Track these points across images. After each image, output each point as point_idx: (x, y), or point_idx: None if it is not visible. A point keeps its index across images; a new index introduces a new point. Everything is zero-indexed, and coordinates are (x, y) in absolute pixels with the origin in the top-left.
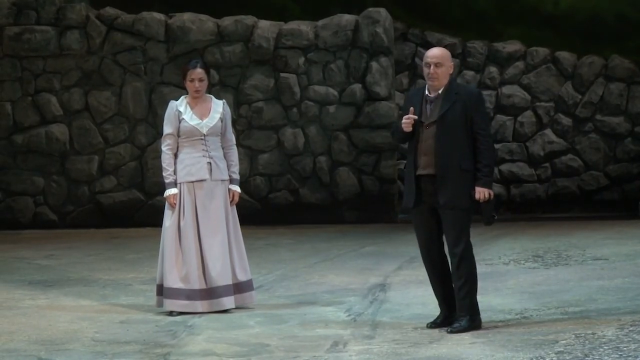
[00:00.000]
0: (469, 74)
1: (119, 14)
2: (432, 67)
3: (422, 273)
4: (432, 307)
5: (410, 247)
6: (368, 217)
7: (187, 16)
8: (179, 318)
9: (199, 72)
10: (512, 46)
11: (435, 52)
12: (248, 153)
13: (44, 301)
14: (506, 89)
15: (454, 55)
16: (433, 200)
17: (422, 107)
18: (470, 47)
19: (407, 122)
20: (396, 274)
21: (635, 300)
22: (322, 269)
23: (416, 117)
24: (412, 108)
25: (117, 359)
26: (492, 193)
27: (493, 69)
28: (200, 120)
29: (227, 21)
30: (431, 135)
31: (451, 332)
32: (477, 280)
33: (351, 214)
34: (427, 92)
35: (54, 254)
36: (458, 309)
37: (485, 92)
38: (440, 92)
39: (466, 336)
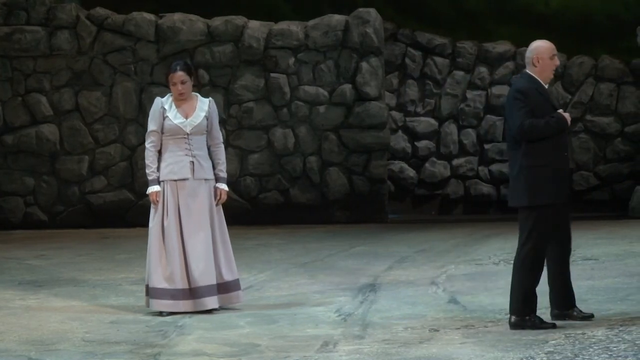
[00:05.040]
0: (459, 74)
1: (109, 14)
2: (557, 59)
3: (412, 273)
4: (422, 307)
5: (400, 247)
6: (358, 217)
7: (177, 16)
8: (169, 318)
9: (179, 75)
10: (502, 46)
11: (553, 45)
12: (238, 153)
13: (34, 301)
14: (496, 89)
15: (443, 56)
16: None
17: (552, 100)
18: (460, 47)
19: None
20: (386, 274)
21: (625, 300)
22: (313, 269)
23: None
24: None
25: (107, 359)
26: None
27: (483, 69)
28: (184, 119)
29: (217, 21)
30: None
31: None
32: None
33: (341, 214)
34: (544, 86)
35: (44, 254)
36: (572, 300)
37: (474, 93)
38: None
39: (456, 336)
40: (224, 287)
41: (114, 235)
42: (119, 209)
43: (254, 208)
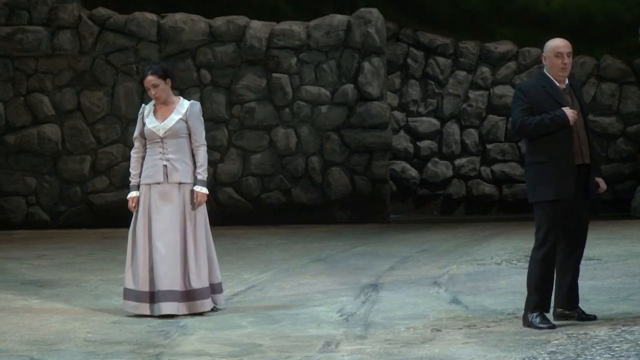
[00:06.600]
0: (461, 74)
1: (111, 14)
2: (565, 57)
3: (414, 273)
4: (424, 307)
5: (402, 247)
6: (360, 217)
7: (179, 16)
8: (171, 319)
9: (149, 79)
10: (504, 46)
11: (566, 42)
12: (240, 153)
13: (36, 301)
14: (498, 89)
15: (445, 56)
16: (578, 190)
17: (560, 97)
18: (462, 47)
19: (575, 115)
20: (388, 274)
21: (627, 300)
22: (314, 269)
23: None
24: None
25: (109, 359)
26: None
27: (485, 69)
28: (158, 123)
29: (219, 21)
30: (581, 125)
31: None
32: None
33: (343, 214)
34: (557, 83)
35: (46, 254)
36: (574, 300)
37: (477, 93)
38: (567, 82)
39: (458, 336)
40: (190, 295)
41: (116, 236)
42: (120, 209)
43: (256, 208)
